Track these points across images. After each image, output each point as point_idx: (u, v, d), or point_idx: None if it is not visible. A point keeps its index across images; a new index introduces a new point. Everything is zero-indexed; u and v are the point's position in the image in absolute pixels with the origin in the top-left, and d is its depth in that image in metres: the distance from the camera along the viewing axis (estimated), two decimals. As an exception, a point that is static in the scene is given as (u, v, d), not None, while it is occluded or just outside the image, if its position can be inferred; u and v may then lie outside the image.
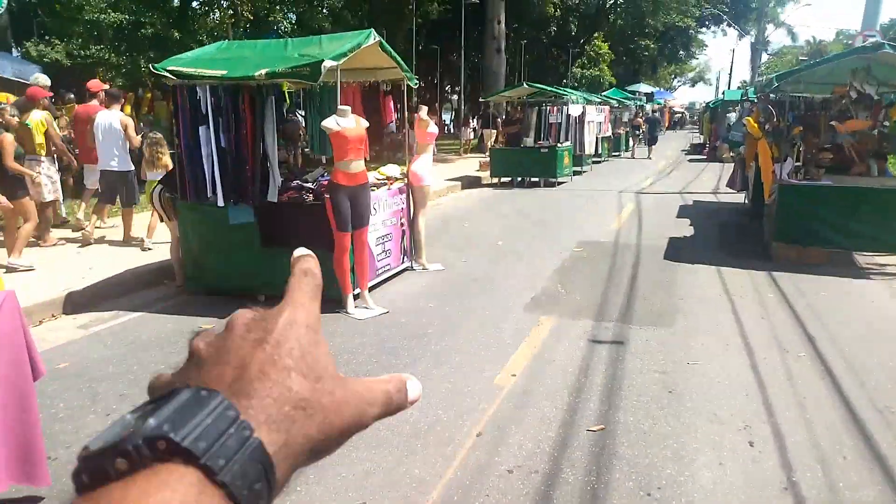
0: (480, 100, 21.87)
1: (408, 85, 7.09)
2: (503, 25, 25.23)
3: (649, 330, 5.28)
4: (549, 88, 17.41)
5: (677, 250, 8.27)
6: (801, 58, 62.87)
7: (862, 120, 7.48)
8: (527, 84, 16.33)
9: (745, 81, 61.90)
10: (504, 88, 18.47)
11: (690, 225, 10.16)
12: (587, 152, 18.47)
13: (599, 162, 21.86)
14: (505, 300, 6.10)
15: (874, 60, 7.57)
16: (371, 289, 6.24)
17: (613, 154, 24.94)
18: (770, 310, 5.79)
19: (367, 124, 5.70)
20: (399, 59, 6.73)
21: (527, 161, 15.72)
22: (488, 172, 16.53)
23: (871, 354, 4.72)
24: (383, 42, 6.33)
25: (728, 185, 11.72)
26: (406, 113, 8.70)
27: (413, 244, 7.23)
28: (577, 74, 49.32)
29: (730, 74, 62.86)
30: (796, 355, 4.74)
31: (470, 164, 20.08)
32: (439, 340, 5.03)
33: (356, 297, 5.81)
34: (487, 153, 17.29)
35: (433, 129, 7.06)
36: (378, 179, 6.66)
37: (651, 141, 25.70)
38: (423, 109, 7.04)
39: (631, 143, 28.67)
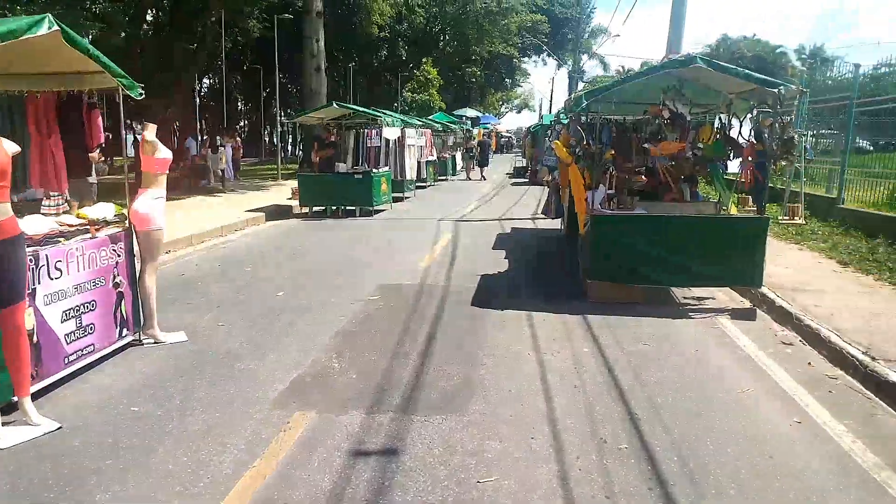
0: (283, 121, 20.09)
1: (125, 96, 5.26)
2: (322, 43, 23.66)
3: (436, 422, 3.92)
4: (361, 109, 16.13)
5: (487, 293, 7.16)
6: (611, 86, 68.31)
7: (676, 142, 6.87)
8: (336, 104, 14.87)
9: (561, 109, 65.82)
10: (311, 109, 16.86)
11: (506, 258, 9.20)
12: (409, 177, 17.41)
13: (424, 187, 21.00)
14: (254, 388, 4.47)
15: (685, 78, 7.04)
16: (56, 385, 4.32)
17: (440, 178, 24.30)
18: (585, 374, 4.72)
19: (16, 149, 3.84)
20: (107, 60, 4.91)
21: (340, 188, 14.23)
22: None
23: (705, 439, 3.72)
24: (71, 34, 4.48)
25: (543, 212, 11.06)
26: (125, 132, 6.79)
27: (142, 310, 5.37)
28: (408, 98, 49.15)
29: (550, 101, 66.26)
30: (617, 447, 3.61)
31: (284, 192, 18.21)
32: (114, 483, 3.28)
33: (14, 408, 3.89)
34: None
35: (163, 153, 5.29)
36: (71, 226, 4.74)
37: (483, 163, 26.58)
38: (150, 129, 5.24)
39: (461, 165, 28.53)
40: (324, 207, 14.59)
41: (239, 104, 54.27)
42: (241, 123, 57.57)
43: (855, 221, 9.74)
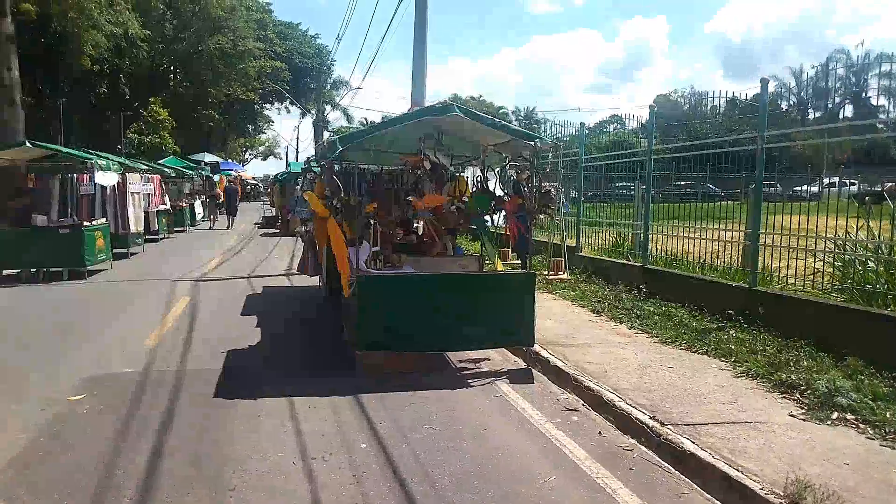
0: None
1: None
2: (15, 73, 19.73)
3: None
4: (63, 150, 13.49)
5: (236, 375, 5.85)
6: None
7: (438, 195, 6.41)
8: (30, 143, 12.11)
9: (312, 156, 65.52)
10: (-2, 148, 13.62)
11: (258, 325, 7.92)
12: (133, 230, 14.92)
13: (157, 240, 18.40)
14: None
15: (442, 127, 6.66)
16: None
17: (177, 229, 21.67)
18: (368, 484, 3.78)
19: None
20: None
21: (40, 246, 11.47)
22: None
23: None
24: None
25: (299, 269, 9.98)
26: None
27: None
28: (135, 140, 44.23)
29: (296, 149, 65.59)
30: None
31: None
32: None
33: None
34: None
35: None
36: None
37: (231, 211, 25.42)
38: None
39: (201, 214, 26.02)
40: (19, 271, 11.62)
41: None
42: None
43: (593, 267, 10.39)
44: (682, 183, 10.34)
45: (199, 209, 25.84)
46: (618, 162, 10.78)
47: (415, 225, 7.73)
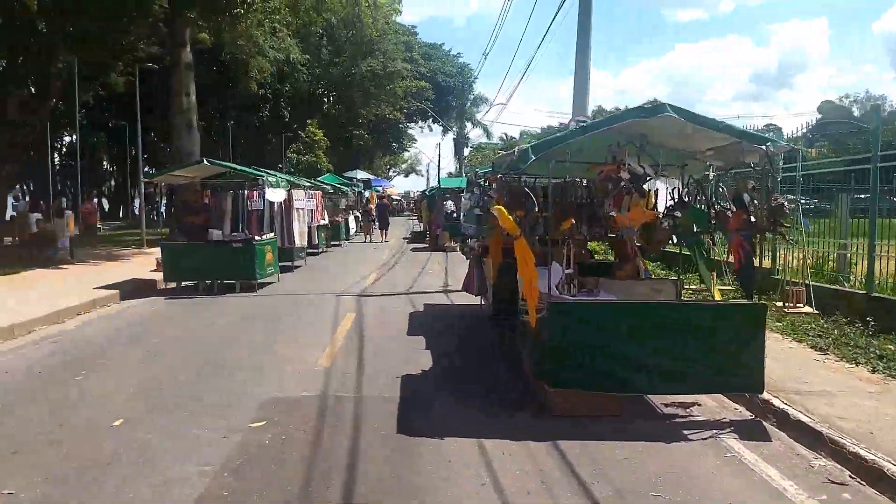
0: (146, 181, 17.59)
1: None
2: (193, 98, 21.46)
3: None
4: (238, 167, 14.09)
5: (415, 408, 5.34)
6: (498, 152, 70.05)
7: (644, 210, 5.55)
8: (207, 161, 12.75)
9: (451, 173, 66.40)
10: (176, 166, 14.59)
11: (426, 348, 7.45)
12: (298, 244, 15.37)
13: (317, 254, 18.96)
14: None
15: (636, 133, 5.81)
16: None
17: (333, 243, 22.35)
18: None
19: None
20: None
21: (215, 260, 11.98)
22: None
23: None
24: None
25: (464, 288, 9.47)
26: None
27: None
28: (294, 160, 47.05)
29: (438, 166, 66.80)
30: None
31: (148, 263, 15.51)
32: None
33: None
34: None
35: None
36: None
37: (384, 225, 26.20)
38: None
39: (354, 229, 26.93)
40: (195, 283, 12.23)
41: (104, 164, 49.69)
42: (108, 184, 52.66)
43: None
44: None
45: (352, 224, 26.63)
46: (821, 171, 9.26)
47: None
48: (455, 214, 23.28)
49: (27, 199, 30.23)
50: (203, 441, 4.56)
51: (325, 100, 49.80)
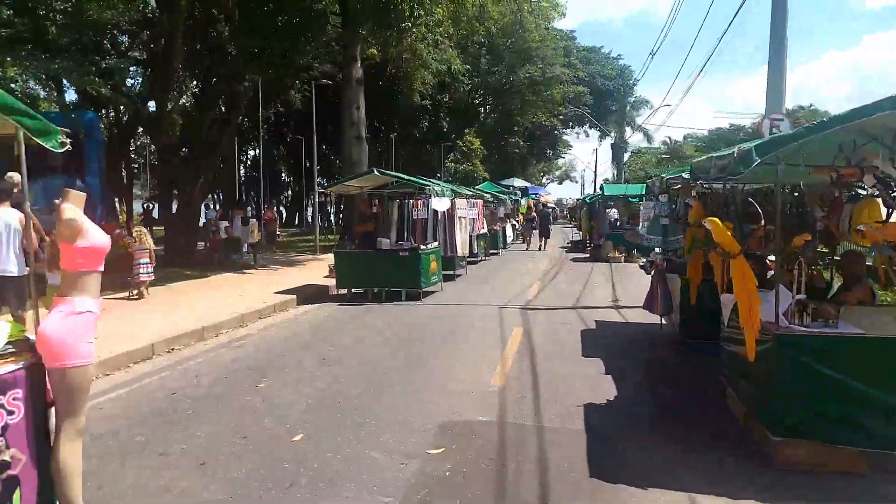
0: (320, 190, 18.39)
1: (39, 148, 3.21)
2: (362, 111, 22.34)
3: None
4: (406, 177, 14.23)
5: (605, 443, 4.73)
6: (660, 156, 66.44)
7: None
8: (377, 171, 12.96)
9: (607, 179, 64.05)
10: (349, 177, 15.05)
11: (607, 373, 6.76)
12: (460, 253, 15.26)
13: (476, 262, 18.82)
14: None
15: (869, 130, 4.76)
16: None
17: (492, 252, 22.14)
18: None
19: None
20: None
21: (383, 268, 12.13)
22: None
23: None
24: None
25: (645, 306, 8.62)
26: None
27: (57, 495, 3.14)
28: (451, 169, 47.94)
29: (595, 172, 64.67)
30: None
31: (320, 269, 16.25)
32: None
33: None
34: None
35: (91, 240, 3.17)
36: None
37: (544, 233, 25.63)
38: (70, 200, 3.15)
39: (511, 237, 26.62)
40: (364, 290, 12.49)
41: (283, 175, 54.04)
42: (286, 194, 57.24)
43: None
44: None
45: (509, 232, 26.31)
46: None
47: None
48: (619, 223, 22.11)
49: (217, 207, 33.49)
50: (382, 466, 4.31)
51: (482, 109, 50.23)
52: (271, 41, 19.40)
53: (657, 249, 8.97)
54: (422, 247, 12.44)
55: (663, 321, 8.70)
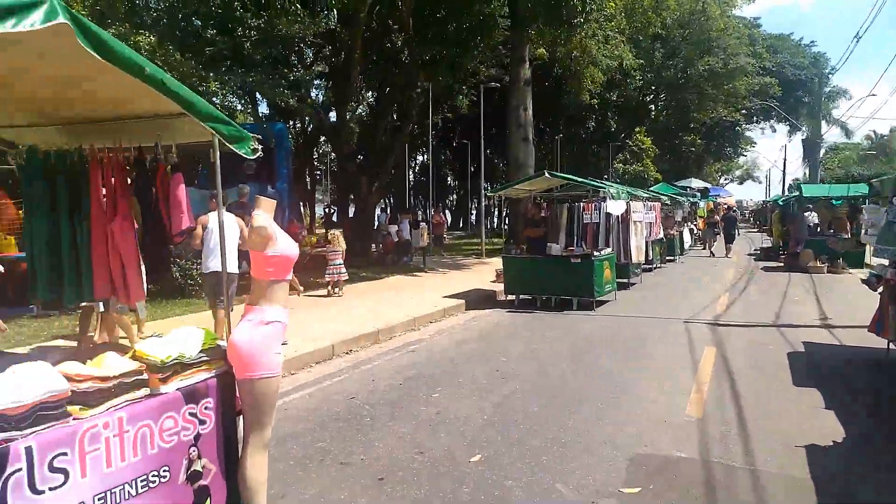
0: (488, 194, 18.22)
1: (232, 153, 3.20)
2: (530, 113, 22.04)
3: None
4: (578, 179, 13.61)
5: (839, 497, 3.88)
6: (864, 152, 58.75)
7: None
8: (548, 173, 12.48)
9: (797, 179, 57.74)
10: (518, 180, 14.73)
11: (828, 407, 5.71)
12: (635, 260, 14.32)
13: (650, 269, 17.62)
14: None
15: None
16: None
17: (668, 258, 20.69)
18: None
19: None
20: (186, 91, 2.90)
21: (553, 274, 11.65)
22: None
23: None
24: (89, 27, 2.46)
25: (872, 329, 7.28)
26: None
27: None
28: (619, 170, 46.01)
29: (783, 171, 58.53)
30: None
31: (487, 273, 16.14)
32: None
33: None
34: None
35: (282, 248, 3.07)
36: (102, 378, 2.60)
37: (729, 239, 23.40)
38: (262, 207, 3.08)
39: (689, 242, 24.80)
40: (531, 297, 12.09)
41: (448, 179, 55.48)
42: (452, 197, 58.78)
43: None
44: None
45: (686, 237, 24.48)
46: None
47: None
48: (819, 228, 19.62)
49: (387, 212, 35.01)
50: (571, 499, 3.86)
51: (654, 105, 47.65)
52: (442, 48, 19.74)
53: (885, 262, 7.57)
54: (595, 253, 11.77)
55: (891, 346, 7.31)
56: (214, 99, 11.68)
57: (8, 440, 2.15)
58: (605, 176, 40.48)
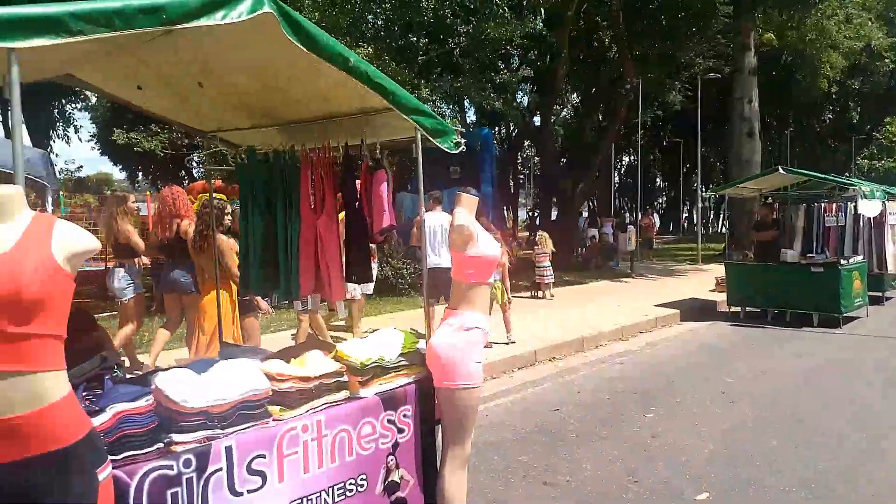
0: (704, 194, 16.55)
1: (440, 151, 3.01)
2: (755, 104, 19.83)
3: None
4: (820, 175, 11.78)
5: None
6: None
7: None
8: (783, 169, 10.87)
9: None
10: (746, 178, 13.15)
11: None
12: (891, 270, 12.03)
13: (911, 283, 14.72)
14: None
15: None
16: None
17: (931, 270, 17.16)
18: None
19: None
20: (389, 82, 2.75)
21: (788, 284, 10.16)
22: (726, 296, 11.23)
23: None
24: (293, 16, 2.37)
25: None
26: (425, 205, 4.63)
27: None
28: (865, 166, 39.77)
29: None
30: None
31: (704, 281, 14.73)
32: None
33: None
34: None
35: (482, 248, 2.79)
36: (304, 378, 2.51)
37: None
38: (463, 204, 2.82)
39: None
40: (761, 310, 10.66)
41: (657, 180, 52.56)
42: (660, 200, 55.60)
43: None
44: None
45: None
46: None
47: None
48: None
49: (587, 215, 34.00)
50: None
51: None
52: (654, 42, 18.55)
53: None
54: (842, 261, 10.02)
55: None
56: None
57: (210, 438, 2.12)
58: (847, 174, 35.22)
